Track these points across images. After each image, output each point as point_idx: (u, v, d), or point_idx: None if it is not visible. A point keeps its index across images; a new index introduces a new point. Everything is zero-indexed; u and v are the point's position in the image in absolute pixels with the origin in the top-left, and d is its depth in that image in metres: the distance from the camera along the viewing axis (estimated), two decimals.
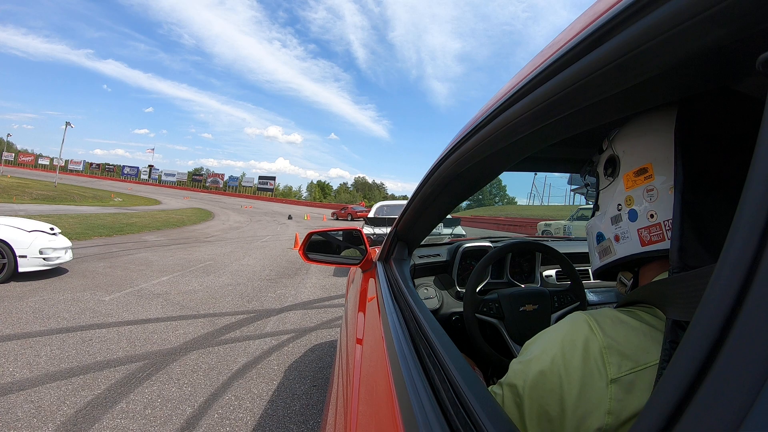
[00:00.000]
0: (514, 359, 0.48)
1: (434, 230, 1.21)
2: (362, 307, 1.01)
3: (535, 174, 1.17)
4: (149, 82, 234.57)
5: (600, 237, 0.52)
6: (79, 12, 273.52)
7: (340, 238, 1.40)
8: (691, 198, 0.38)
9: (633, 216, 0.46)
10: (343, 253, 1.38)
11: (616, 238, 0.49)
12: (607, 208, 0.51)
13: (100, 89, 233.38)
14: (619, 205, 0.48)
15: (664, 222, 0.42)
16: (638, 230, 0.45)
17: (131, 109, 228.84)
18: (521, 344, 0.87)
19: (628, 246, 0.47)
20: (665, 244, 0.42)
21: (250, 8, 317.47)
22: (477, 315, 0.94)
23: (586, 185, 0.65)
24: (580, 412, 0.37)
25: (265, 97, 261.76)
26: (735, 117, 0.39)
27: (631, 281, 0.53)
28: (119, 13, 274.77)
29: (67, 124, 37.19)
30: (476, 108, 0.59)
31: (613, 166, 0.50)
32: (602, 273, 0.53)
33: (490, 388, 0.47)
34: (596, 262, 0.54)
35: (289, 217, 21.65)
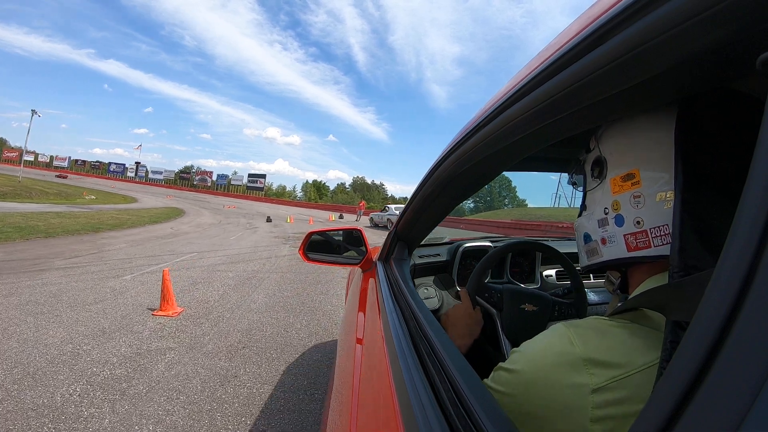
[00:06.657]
0: (500, 363, 0.48)
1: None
2: (362, 307, 1.01)
3: (561, 174, 1.14)
4: (150, 82, 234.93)
5: (587, 237, 0.53)
6: (82, 12, 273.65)
7: (340, 238, 1.40)
8: (691, 198, 0.37)
9: (619, 221, 0.46)
10: (343, 254, 1.39)
11: (603, 241, 0.49)
12: (594, 209, 0.51)
13: (101, 89, 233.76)
14: (606, 208, 0.48)
15: (650, 229, 0.43)
16: (624, 236, 0.45)
17: (131, 108, 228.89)
18: (513, 342, 0.87)
19: (615, 250, 0.47)
20: (651, 251, 0.42)
21: (251, 11, 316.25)
22: (477, 297, 0.93)
23: (574, 183, 0.65)
24: (563, 423, 0.37)
25: (265, 99, 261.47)
26: (735, 117, 0.39)
27: (619, 280, 0.54)
28: (121, 13, 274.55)
29: (33, 112, 34.10)
30: (475, 111, 0.59)
31: (599, 168, 0.49)
32: (591, 270, 0.54)
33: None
34: (584, 260, 0.54)
35: (268, 220, 17.34)
